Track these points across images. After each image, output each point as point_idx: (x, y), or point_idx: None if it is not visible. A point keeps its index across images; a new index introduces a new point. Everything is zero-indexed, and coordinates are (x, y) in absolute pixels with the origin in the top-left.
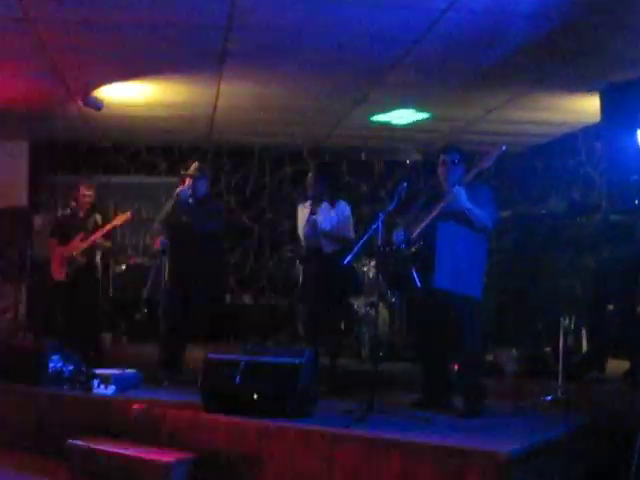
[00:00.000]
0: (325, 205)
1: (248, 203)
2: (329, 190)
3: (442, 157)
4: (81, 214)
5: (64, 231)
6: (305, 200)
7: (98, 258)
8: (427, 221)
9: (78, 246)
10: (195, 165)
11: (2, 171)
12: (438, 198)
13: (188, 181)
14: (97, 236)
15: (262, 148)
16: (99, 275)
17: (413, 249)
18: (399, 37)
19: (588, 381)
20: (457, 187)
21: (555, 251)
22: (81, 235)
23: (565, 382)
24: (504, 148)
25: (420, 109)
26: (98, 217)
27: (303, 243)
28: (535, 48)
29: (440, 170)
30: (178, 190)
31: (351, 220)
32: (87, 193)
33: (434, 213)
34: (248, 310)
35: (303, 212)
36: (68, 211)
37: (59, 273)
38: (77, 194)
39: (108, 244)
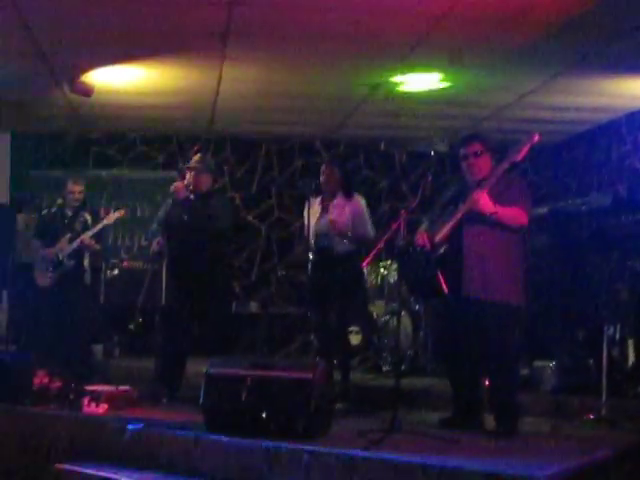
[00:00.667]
0: (338, 200)
1: (254, 200)
2: (345, 185)
3: (462, 150)
4: (69, 212)
5: (49, 231)
6: (317, 194)
7: (86, 262)
8: (452, 223)
9: (65, 248)
10: (198, 157)
11: None
12: (465, 194)
13: (189, 175)
14: (86, 237)
15: (269, 139)
16: (88, 281)
17: (439, 251)
18: (422, 13)
19: (635, 397)
20: (476, 192)
21: (598, 252)
22: (68, 236)
23: (610, 398)
24: (537, 138)
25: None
26: (87, 216)
27: (313, 242)
28: (573, 24)
29: (463, 164)
30: (175, 185)
31: (367, 215)
32: (75, 189)
33: (459, 214)
34: (255, 319)
35: (314, 208)
36: (54, 209)
37: (44, 278)
38: (64, 190)
39: (97, 246)
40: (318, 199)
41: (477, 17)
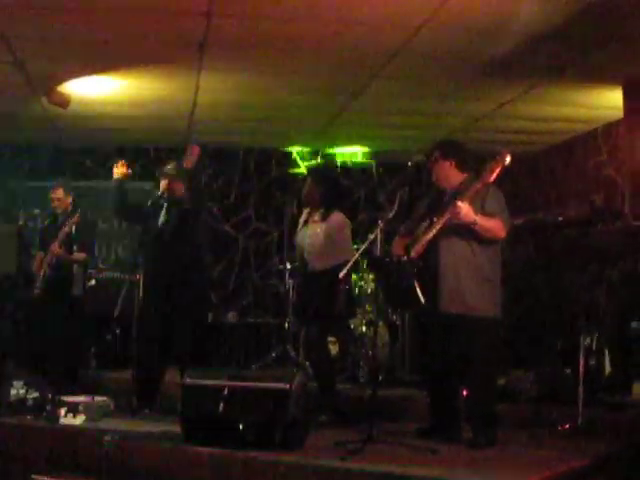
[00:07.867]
0: (318, 217)
1: (232, 210)
2: (326, 201)
3: (435, 154)
4: (59, 220)
5: (45, 242)
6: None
7: (76, 272)
8: (432, 233)
9: (46, 259)
10: (172, 164)
11: None
12: (440, 202)
13: (163, 182)
14: (53, 246)
15: (247, 149)
16: (78, 292)
17: (417, 263)
18: (400, 24)
19: (612, 406)
20: (459, 203)
21: (574, 262)
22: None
23: (586, 408)
24: (508, 159)
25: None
26: (72, 223)
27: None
28: (551, 36)
29: (435, 170)
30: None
31: (344, 235)
32: (53, 196)
33: (439, 224)
34: (232, 330)
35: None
36: (49, 219)
37: (35, 289)
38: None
39: (80, 256)
40: (316, 215)
41: (455, 28)
